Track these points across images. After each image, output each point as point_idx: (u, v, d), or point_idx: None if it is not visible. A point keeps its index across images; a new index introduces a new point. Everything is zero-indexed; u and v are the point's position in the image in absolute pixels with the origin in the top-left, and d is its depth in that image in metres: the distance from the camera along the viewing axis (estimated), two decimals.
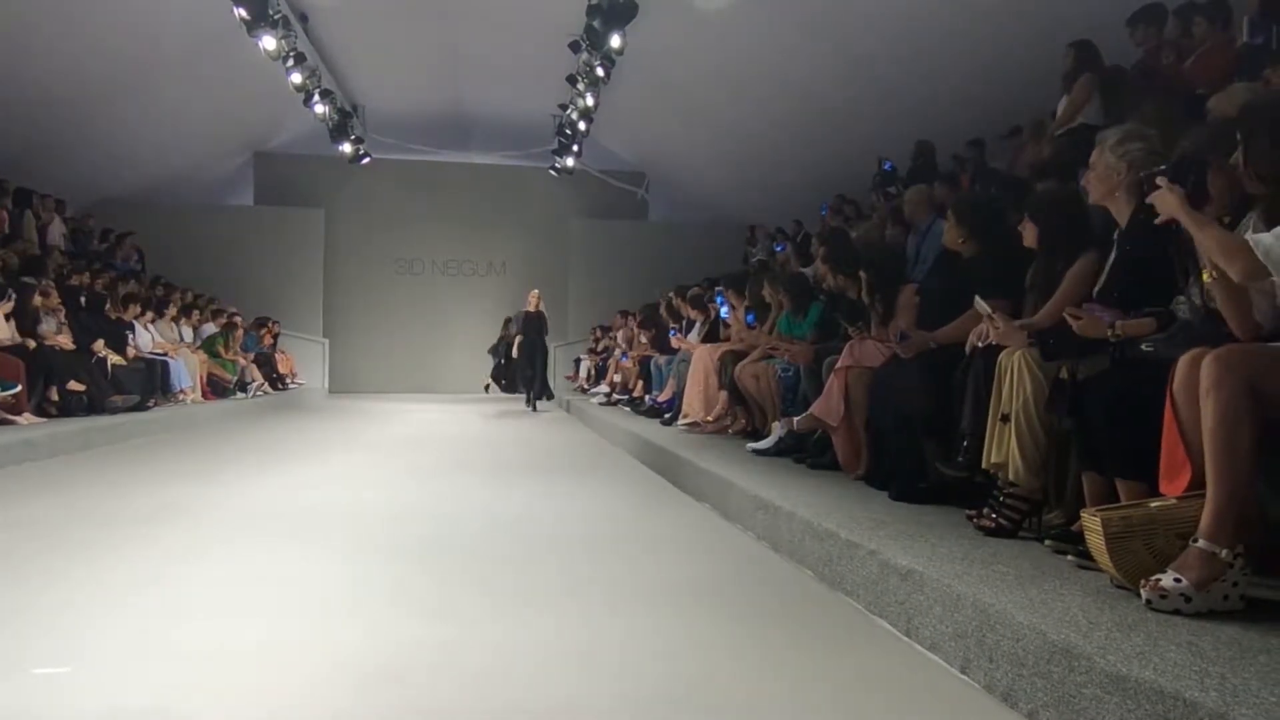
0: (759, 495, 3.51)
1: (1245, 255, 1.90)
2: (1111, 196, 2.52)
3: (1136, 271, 2.36)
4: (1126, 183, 2.45)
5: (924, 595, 2.20)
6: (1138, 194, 2.39)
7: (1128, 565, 1.97)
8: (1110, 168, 2.49)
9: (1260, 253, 1.87)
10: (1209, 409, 1.86)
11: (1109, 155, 2.52)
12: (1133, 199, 2.43)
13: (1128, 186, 2.44)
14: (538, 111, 13.31)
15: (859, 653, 2.20)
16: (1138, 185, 2.36)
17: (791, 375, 4.94)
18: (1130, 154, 2.46)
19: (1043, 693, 1.73)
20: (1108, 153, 2.54)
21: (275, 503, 4.13)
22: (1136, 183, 2.37)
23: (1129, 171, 2.43)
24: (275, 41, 9.90)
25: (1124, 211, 2.50)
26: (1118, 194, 2.49)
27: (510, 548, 3.24)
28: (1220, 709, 1.36)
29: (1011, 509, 2.69)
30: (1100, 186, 2.53)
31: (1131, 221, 2.48)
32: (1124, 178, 2.45)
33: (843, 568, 2.67)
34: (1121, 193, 2.48)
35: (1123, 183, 2.46)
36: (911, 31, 8.35)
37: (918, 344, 3.41)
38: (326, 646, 2.10)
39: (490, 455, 6.17)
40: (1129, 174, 2.43)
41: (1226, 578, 1.85)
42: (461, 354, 15.29)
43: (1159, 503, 2.00)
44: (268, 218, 14.68)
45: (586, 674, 1.98)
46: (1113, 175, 2.48)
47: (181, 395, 9.21)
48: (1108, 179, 2.50)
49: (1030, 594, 2.02)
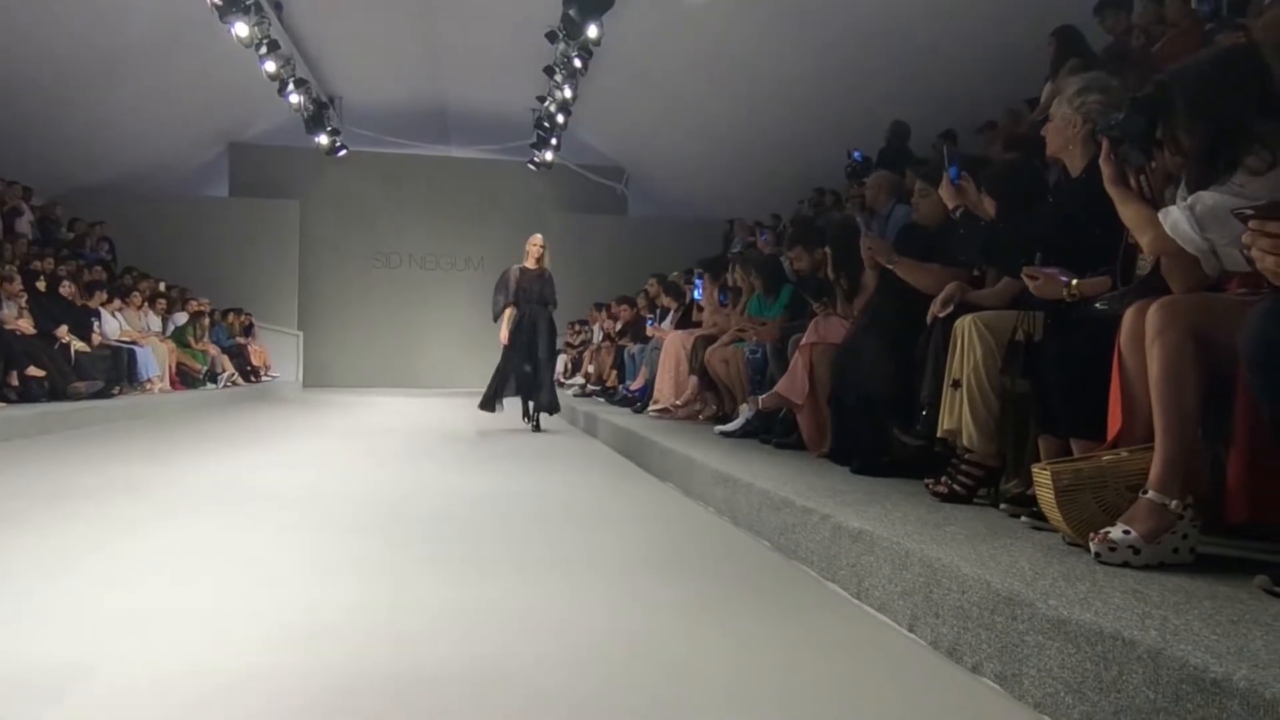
0: (719, 470, 3.46)
1: (1155, 228, 1.95)
2: (1066, 150, 2.48)
3: (1087, 227, 2.33)
4: (1081, 136, 2.41)
5: (873, 556, 2.15)
6: (1093, 148, 2.36)
7: (1077, 519, 1.93)
8: (1066, 119, 2.45)
9: (1168, 226, 1.90)
10: (1154, 357, 1.82)
11: (1066, 107, 2.48)
12: (1087, 153, 2.40)
13: (1083, 140, 2.40)
14: (516, 105, 13.22)
15: (808, 615, 2.15)
16: (1092, 139, 2.33)
17: (760, 357, 4.89)
18: (1086, 107, 2.42)
19: (986, 644, 1.68)
20: (1065, 104, 2.49)
21: (227, 482, 4.03)
22: (1090, 135, 2.34)
23: (1083, 125, 2.39)
24: (248, 29, 9.77)
25: (1078, 166, 2.46)
26: (1072, 147, 2.45)
27: (468, 524, 3.16)
28: (1159, 646, 1.31)
29: (967, 475, 2.66)
30: (1056, 139, 2.50)
31: (1082, 178, 2.44)
32: (1079, 130, 2.41)
33: (798, 535, 2.62)
34: (1076, 145, 2.43)
35: (1078, 136, 2.42)
36: (887, 25, 8.36)
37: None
38: (261, 610, 2.02)
39: (458, 443, 6.08)
40: (1083, 127, 2.39)
41: (1176, 530, 1.81)
42: (438, 349, 15.16)
43: (1110, 455, 1.96)
44: (242, 210, 14.49)
45: (525, 633, 1.92)
46: (1068, 128, 2.44)
47: (149, 384, 9.05)
48: (1063, 131, 2.46)
49: (979, 550, 1.97)
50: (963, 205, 3.03)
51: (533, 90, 12.44)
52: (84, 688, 1.54)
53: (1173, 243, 1.92)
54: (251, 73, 10.73)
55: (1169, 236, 1.92)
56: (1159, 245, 1.99)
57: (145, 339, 9.49)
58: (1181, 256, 1.97)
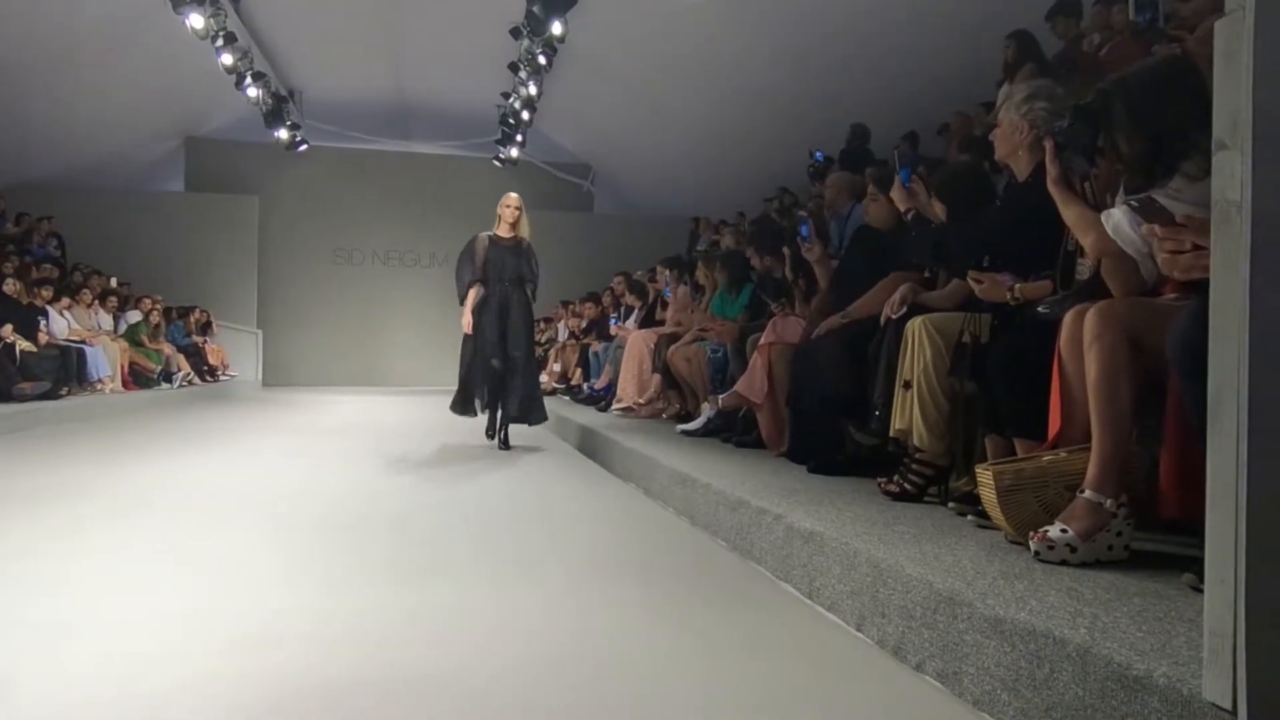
0: (678, 470, 3.48)
1: (1097, 229, 2.00)
2: (1014, 155, 2.54)
3: (1031, 231, 2.38)
4: (1027, 142, 2.46)
5: (824, 556, 2.19)
6: (1039, 154, 2.42)
7: (1019, 518, 1.97)
8: (1014, 125, 2.51)
9: (1109, 227, 1.95)
10: (1092, 361, 1.88)
11: (1014, 113, 2.54)
12: (1034, 158, 2.45)
13: (1029, 146, 2.46)
14: (480, 101, 13.13)
15: (759, 613, 2.17)
16: (1038, 144, 2.39)
17: (721, 356, 4.92)
18: (1033, 113, 2.48)
19: (929, 643, 1.72)
20: (1013, 110, 2.55)
21: (168, 484, 3.95)
22: (1037, 141, 2.40)
23: (1030, 131, 2.45)
24: (203, 20, 9.58)
25: (1024, 170, 2.52)
26: (1020, 152, 2.51)
27: (429, 527, 3.14)
28: (1087, 644, 1.35)
29: (917, 474, 2.71)
30: (1003, 144, 2.55)
31: (1028, 183, 2.50)
32: (1025, 136, 2.47)
33: (753, 535, 2.65)
34: (1023, 151, 2.49)
35: (1024, 141, 2.47)
36: (848, 27, 8.44)
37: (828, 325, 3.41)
38: (200, 618, 1.99)
39: (419, 443, 6.04)
40: (1030, 133, 2.45)
41: (1111, 527, 1.86)
42: (401, 346, 15.02)
43: (1050, 455, 2.01)
44: (199, 205, 14.20)
45: (482, 637, 1.92)
46: (1015, 133, 2.50)
47: (99, 385, 8.84)
48: (1010, 137, 2.51)
49: (924, 549, 2.01)
50: (914, 208, 3.08)
51: (497, 86, 12.36)
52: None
53: (1114, 244, 1.98)
54: (208, 65, 10.51)
55: (1110, 238, 1.98)
56: (1101, 246, 2.04)
57: (95, 338, 9.27)
58: (1122, 259, 2.02)
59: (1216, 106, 1.08)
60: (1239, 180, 1.05)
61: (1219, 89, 1.07)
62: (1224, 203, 1.07)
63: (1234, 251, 1.06)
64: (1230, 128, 1.06)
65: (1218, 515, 1.09)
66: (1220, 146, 1.07)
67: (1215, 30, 1.07)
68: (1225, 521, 1.08)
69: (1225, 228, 1.07)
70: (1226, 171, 1.07)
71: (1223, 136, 1.07)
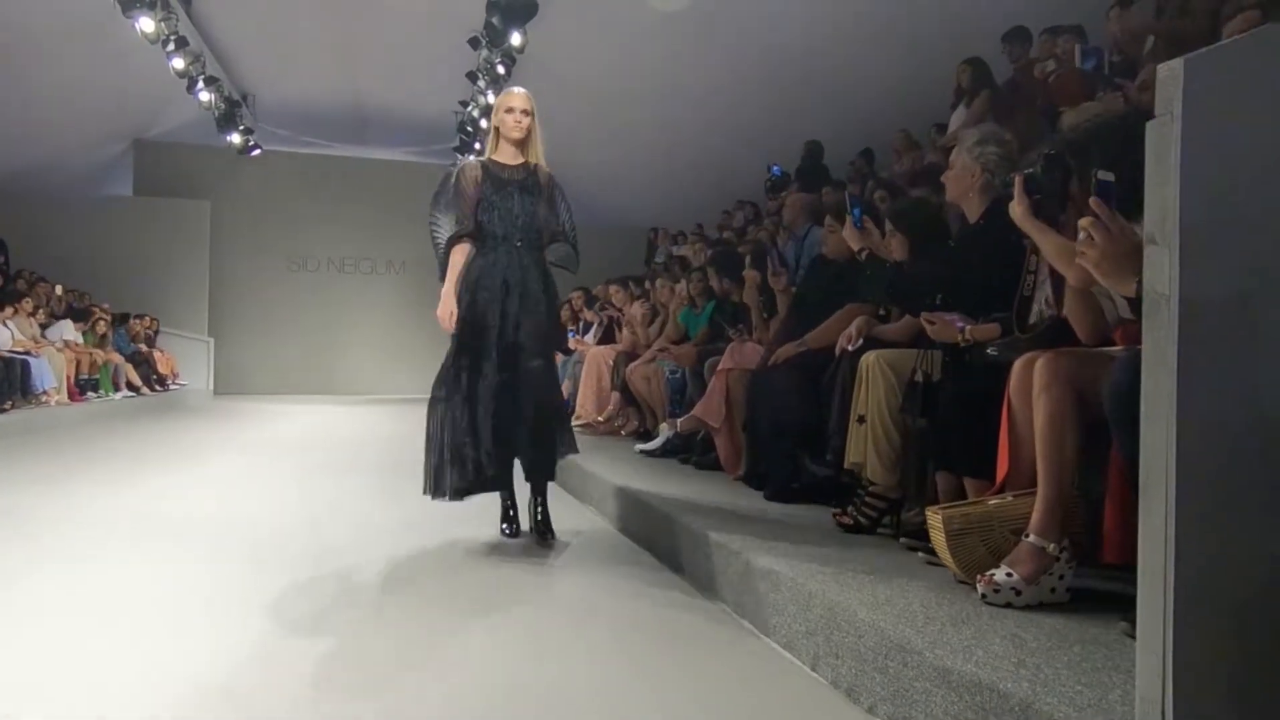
0: (638, 498, 3.50)
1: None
2: (965, 196, 2.63)
3: (983, 275, 2.46)
4: (979, 184, 2.56)
5: (780, 595, 2.23)
6: (990, 196, 2.50)
7: (966, 560, 2.04)
8: (966, 168, 2.60)
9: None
10: (1039, 410, 1.95)
11: (965, 156, 2.63)
12: (985, 201, 2.54)
13: (980, 188, 2.55)
14: (438, 108, 13.03)
15: (716, 648, 2.21)
16: (990, 188, 2.47)
17: (679, 377, 4.97)
18: (985, 156, 2.57)
19: (881, 687, 1.77)
20: (965, 153, 2.64)
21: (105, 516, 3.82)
22: (989, 185, 2.48)
23: (982, 174, 2.55)
24: (154, 24, 9.36)
25: (975, 212, 2.61)
26: (971, 194, 2.60)
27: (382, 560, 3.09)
28: (1029, 698, 1.41)
29: (870, 506, 2.77)
30: (955, 186, 2.64)
31: (979, 225, 2.59)
32: (977, 179, 2.57)
33: (713, 570, 2.69)
34: (974, 194, 2.59)
35: (976, 184, 2.57)
36: (804, 44, 8.58)
37: (784, 353, 3.47)
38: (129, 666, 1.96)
39: (373, 460, 5.96)
40: (981, 176, 2.55)
41: (1053, 570, 1.94)
42: (357, 354, 14.80)
43: (996, 500, 2.08)
44: (148, 210, 13.83)
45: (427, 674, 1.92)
46: (967, 175, 2.59)
47: (44, 397, 8.58)
48: (962, 179, 2.61)
49: (877, 592, 2.07)
50: (867, 247, 3.16)
51: (454, 94, 12.28)
52: None
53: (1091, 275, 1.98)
54: (158, 67, 10.27)
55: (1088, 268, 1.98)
56: (1082, 276, 2.03)
57: (40, 348, 8.99)
58: (1089, 298, 2.06)
59: (1147, 204, 1.14)
60: (1167, 274, 1.11)
61: (1149, 188, 1.14)
62: (1154, 295, 1.13)
63: (1164, 341, 1.12)
64: (1160, 224, 1.12)
65: (1148, 589, 1.15)
66: (1150, 241, 1.14)
67: (1147, 131, 1.14)
68: (1155, 595, 1.14)
69: (1155, 319, 1.13)
70: (1156, 265, 1.13)
71: (1153, 232, 1.13)
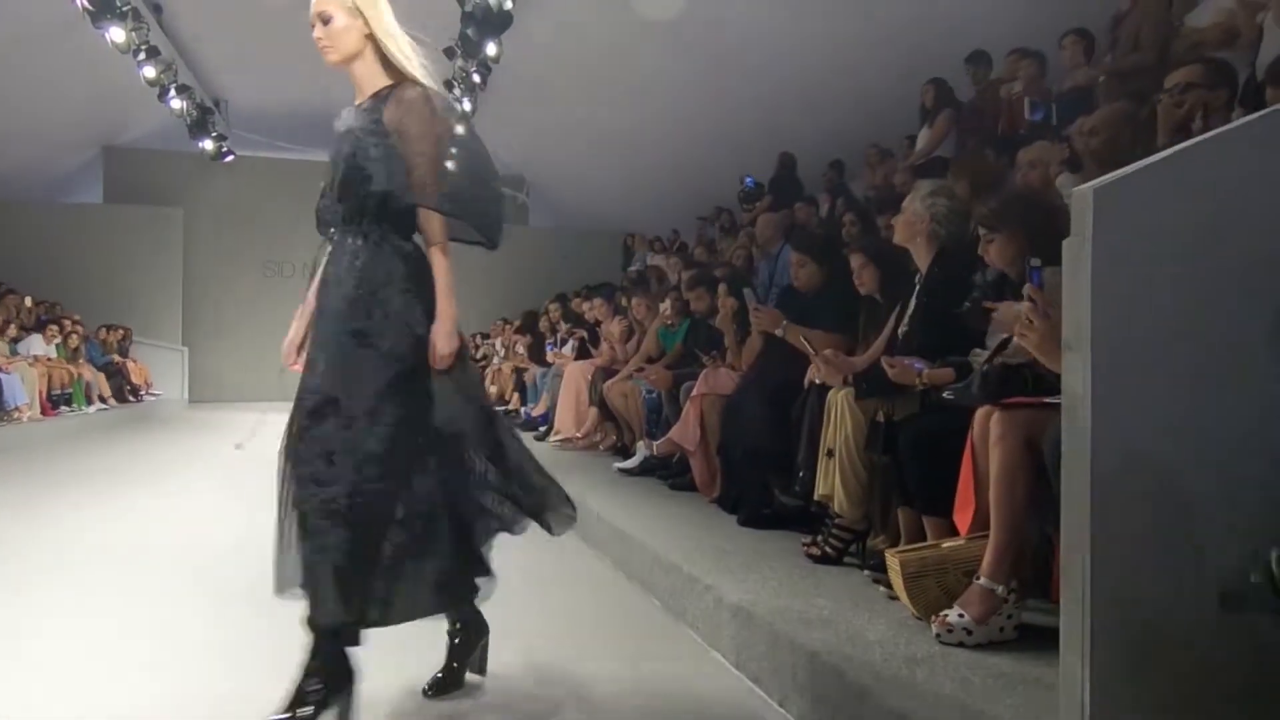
0: (615, 525, 3.62)
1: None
2: (914, 241, 2.81)
3: (935, 321, 2.60)
4: (926, 231, 2.73)
5: (750, 631, 2.35)
6: (936, 245, 2.67)
7: (922, 601, 2.17)
8: (917, 215, 2.77)
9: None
10: (994, 459, 2.08)
11: (918, 204, 2.79)
12: (932, 247, 2.72)
13: (927, 235, 2.73)
14: None
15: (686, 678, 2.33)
16: (936, 237, 2.65)
17: (656, 397, 5.07)
18: (935, 207, 2.74)
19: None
20: (917, 202, 2.80)
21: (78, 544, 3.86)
22: (935, 234, 2.66)
23: (930, 223, 2.72)
24: (124, 34, 9.29)
25: (923, 257, 2.79)
26: (919, 239, 2.77)
27: None
28: None
29: (837, 538, 2.90)
30: (905, 230, 2.81)
31: (930, 273, 2.74)
32: (925, 226, 2.74)
33: (685, 600, 2.81)
34: (922, 239, 2.76)
35: (924, 230, 2.74)
36: (775, 54, 8.71)
37: None
38: None
39: None
40: (930, 224, 2.72)
41: (1002, 611, 2.07)
42: None
43: (951, 543, 2.22)
44: (119, 217, 13.70)
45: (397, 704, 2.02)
46: (918, 222, 2.76)
47: (17, 413, 8.53)
48: (912, 224, 2.78)
49: (839, 631, 2.20)
50: None
51: None
52: None
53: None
54: (128, 73, 10.19)
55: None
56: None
57: (11, 364, 8.93)
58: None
59: (1065, 315, 1.26)
60: (1082, 377, 1.24)
61: (1066, 300, 1.26)
62: (1071, 397, 1.26)
63: (1080, 439, 1.24)
64: (1075, 332, 1.25)
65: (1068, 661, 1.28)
66: (1067, 348, 1.26)
67: (1064, 248, 1.26)
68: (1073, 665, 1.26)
69: (1072, 418, 1.26)
70: (1072, 369, 1.25)
71: (1069, 339, 1.26)
